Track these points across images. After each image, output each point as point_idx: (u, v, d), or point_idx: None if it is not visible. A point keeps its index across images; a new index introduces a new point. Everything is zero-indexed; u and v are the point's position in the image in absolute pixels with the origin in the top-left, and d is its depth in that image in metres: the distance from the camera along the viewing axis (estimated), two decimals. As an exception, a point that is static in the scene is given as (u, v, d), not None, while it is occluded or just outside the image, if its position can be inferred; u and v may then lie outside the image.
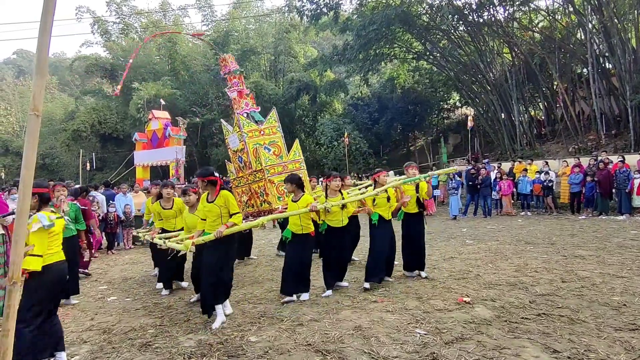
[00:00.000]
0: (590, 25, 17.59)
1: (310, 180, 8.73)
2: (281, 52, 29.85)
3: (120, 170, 25.58)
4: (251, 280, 6.37)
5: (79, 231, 5.80)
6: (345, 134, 21.50)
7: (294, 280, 5.07)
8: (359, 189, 7.00)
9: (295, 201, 5.23)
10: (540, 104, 22.88)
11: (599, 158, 12.76)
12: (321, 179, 13.03)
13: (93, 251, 8.64)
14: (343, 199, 5.38)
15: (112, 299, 5.65)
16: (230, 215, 4.53)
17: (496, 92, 20.50)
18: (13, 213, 5.76)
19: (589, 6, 17.49)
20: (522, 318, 4.05)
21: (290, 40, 29.84)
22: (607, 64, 18.75)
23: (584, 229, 9.79)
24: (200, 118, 29.11)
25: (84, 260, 8.25)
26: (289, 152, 10.57)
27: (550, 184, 13.07)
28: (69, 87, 46.65)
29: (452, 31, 21.61)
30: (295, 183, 5.31)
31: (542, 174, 13.17)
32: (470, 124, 19.79)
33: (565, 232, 9.33)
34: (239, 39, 31.03)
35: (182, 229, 5.92)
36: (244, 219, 5.86)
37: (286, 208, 5.66)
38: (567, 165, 13.73)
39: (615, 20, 16.43)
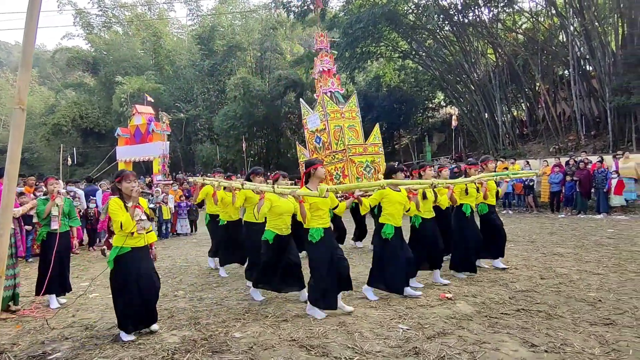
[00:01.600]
0: (572, 28, 17.96)
1: (273, 177, 8.53)
2: (267, 49, 29.70)
3: (102, 166, 25.21)
4: (235, 276, 6.36)
5: (72, 228, 5.70)
6: (331, 132, 21.52)
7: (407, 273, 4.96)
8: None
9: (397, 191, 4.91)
10: (522, 104, 23.29)
11: (579, 158, 13.08)
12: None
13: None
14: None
15: (94, 296, 5.59)
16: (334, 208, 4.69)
17: (480, 92, 20.78)
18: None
19: (571, 9, 17.85)
20: (502, 313, 4.15)
21: (276, 37, 29.73)
22: (587, 67, 19.16)
23: (563, 227, 10.02)
24: (184, 114, 28.82)
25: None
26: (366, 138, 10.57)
27: (531, 183, 13.34)
28: (49, 80, 45.65)
29: (438, 31, 21.82)
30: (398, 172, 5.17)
31: (524, 173, 13.42)
32: (454, 123, 20.04)
33: (545, 231, 9.55)
34: (225, 35, 30.77)
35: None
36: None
37: (366, 194, 5.36)
38: (548, 165, 14.02)
39: (596, 23, 16.80)
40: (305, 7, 22.70)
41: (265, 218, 4.93)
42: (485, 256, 6.14)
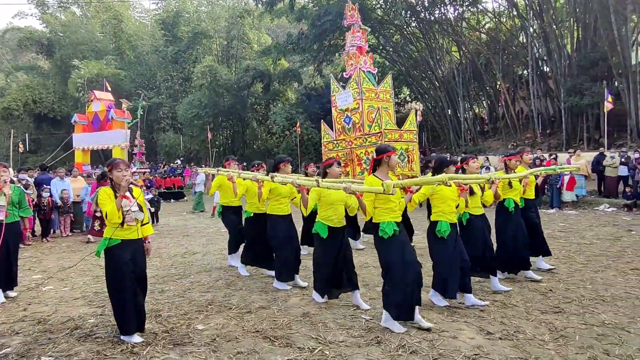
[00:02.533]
0: (531, 30, 18.69)
1: (307, 167, 7.63)
2: (234, 37, 29.14)
3: (57, 154, 24.04)
4: (199, 268, 6.26)
5: (22, 218, 5.38)
6: (297, 124, 21.46)
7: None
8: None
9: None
10: (484, 102, 24.06)
11: (534, 155, 13.65)
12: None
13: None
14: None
15: (48, 289, 5.35)
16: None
17: (444, 88, 21.29)
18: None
19: (531, 11, 18.55)
20: (460, 303, 4.29)
21: (244, 26, 29.21)
22: (545, 67, 20.03)
23: (518, 221, 10.43)
24: (146, 101, 27.90)
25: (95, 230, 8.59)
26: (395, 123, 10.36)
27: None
28: (-2, 61, 42.95)
29: (405, 27, 22.14)
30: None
31: (483, 169, 13.88)
32: (419, 118, 20.44)
33: (502, 224, 9.90)
34: (190, 21, 29.95)
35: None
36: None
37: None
38: (506, 161, 14.54)
39: (554, 26, 17.55)
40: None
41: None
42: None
